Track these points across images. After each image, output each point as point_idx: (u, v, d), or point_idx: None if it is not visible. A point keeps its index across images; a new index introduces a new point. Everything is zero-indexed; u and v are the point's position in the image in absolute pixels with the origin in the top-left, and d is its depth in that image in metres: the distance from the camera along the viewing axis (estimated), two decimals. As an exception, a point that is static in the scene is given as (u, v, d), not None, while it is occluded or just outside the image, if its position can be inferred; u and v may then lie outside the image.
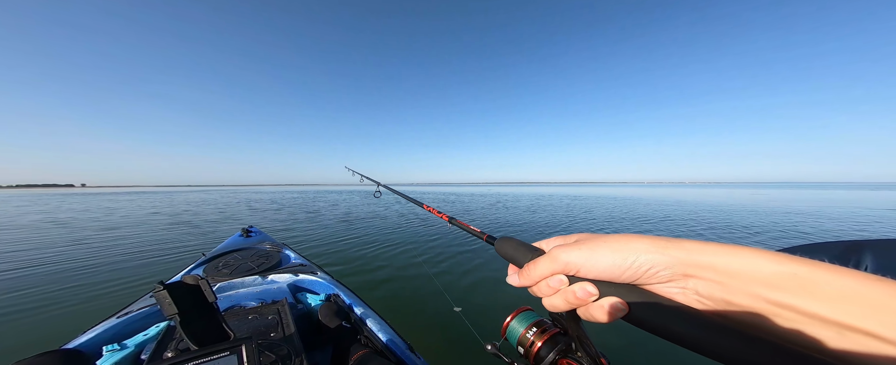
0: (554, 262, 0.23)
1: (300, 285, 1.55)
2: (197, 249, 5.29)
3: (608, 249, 0.20)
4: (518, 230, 7.05)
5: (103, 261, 4.47)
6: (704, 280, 0.16)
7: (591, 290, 0.20)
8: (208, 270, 1.72)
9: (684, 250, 0.17)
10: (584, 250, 0.21)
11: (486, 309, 2.67)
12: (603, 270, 0.20)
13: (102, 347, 0.88)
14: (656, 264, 0.17)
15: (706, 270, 0.16)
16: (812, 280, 0.12)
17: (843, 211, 11.12)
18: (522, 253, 0.28)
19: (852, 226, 7.58)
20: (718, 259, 0.15)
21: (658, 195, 23.98)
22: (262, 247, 2.27)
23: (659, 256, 0.17)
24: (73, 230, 7.54)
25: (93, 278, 3.66)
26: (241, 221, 8.87)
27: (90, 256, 4.74)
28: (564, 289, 0.22)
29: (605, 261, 0.20)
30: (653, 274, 0.18)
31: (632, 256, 0.18)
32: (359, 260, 4.36)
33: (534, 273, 0.24)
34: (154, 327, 1.01)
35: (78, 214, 12.02)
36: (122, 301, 2.81)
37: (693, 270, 0.16)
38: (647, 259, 0.18)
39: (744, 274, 0.14)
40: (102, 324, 1.03)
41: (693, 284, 0.17)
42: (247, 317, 1.04)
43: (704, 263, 0.16)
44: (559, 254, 0.22)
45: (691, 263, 0.16)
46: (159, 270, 4.07)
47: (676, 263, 0.17)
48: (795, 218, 9.01)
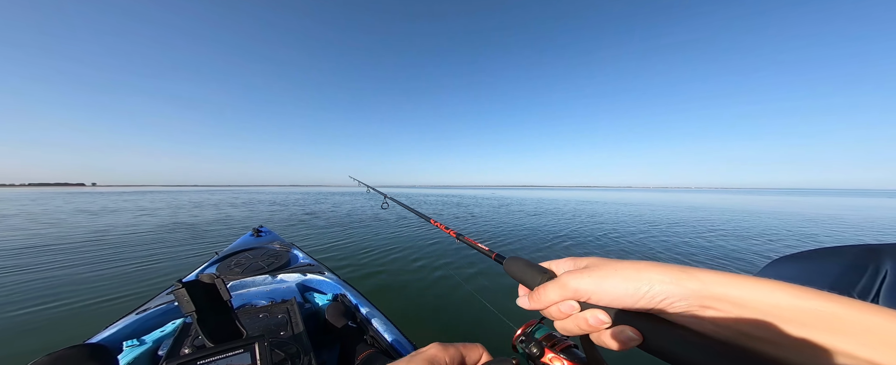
0: (564, 288, 0.22)
1: (308, 285, 1.58)
2: (209, 247, 5.43)
3: (620, 278, 0.19)
4: (523, 236, 7.00)
5: (121, 258, 4.63)
6: (721, 312, 0.16)
7: (603, 318, 0.20)
8: (221, 269, 1.77)
9: (699, 281, 0.16)
10: (595, 277, 0.20)
11: (494, 318, 2.66)
12: (615, 298, 0.19)
13: (123, 343, 0.92)
14: (671, 295, 0.17)
15: (722, 301, 0.15)
16: (836, 317, 0.12)
17: (859, 216, 10.70)
18: (531, 275, 0.27)
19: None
20: (735, 291, 0.15)
21: (664, 200, 23.50)
22: (271, 246, 2.32)
23: (674, 288, 0.17)
24: (92, 229, 7.81)
25: (112, 275, 3.79)
26: (252, 221, 9.07)
27: (108, 254, 4.91)
28: (576, 315, 0.22)
29: (618, 289, 0.19)
30: (669, 304, 0.17)
31: (645, 286, 0.18)
32: (365, 261, 4.41)
33: (544, 298, 0.24)
34: (170, 324, 1.05)
35: (93, 212, 12.44)
36: (141, 297, 2.91)
37: (709, 302, 0.16)
38: (662, 290, 0.17)
39: (762, 308, 0.14)
40: (122, 320, 1.08)
41: (710, 314, 0.16)
42: (258, 315, 1.07)
43: (720, 294, 0.15)
44: (569, 281, 0.22)
45: (708, 295, 0.16)
46: (174, 267, 4.19)
47: (692, 295, 0.16)
48: (807, 223, 8.73)
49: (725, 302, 0.15)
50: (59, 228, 7.74)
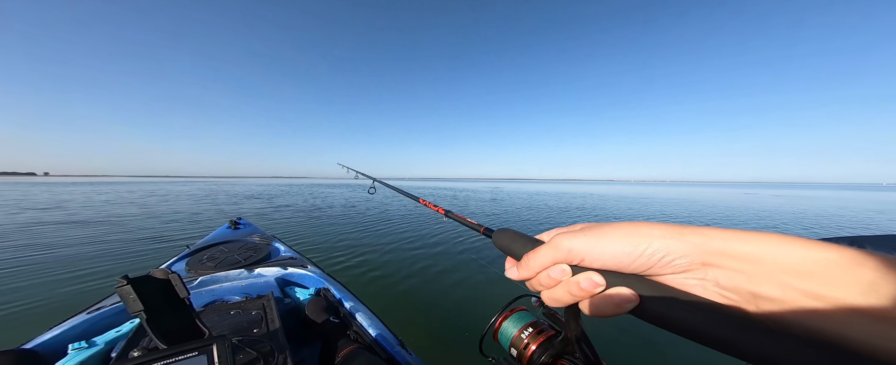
0: (556, 249, 0.20)
1: (289, 279, 1.50)
2: (181, 241, 5.15)
3: (618, 235, 0.18)
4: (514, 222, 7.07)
5: (77, 254, 4.30)
6: (726, 269, 0.14)
7: (598, 280, 0.18)
8: (191, 264, 1.65)
9: (704, 236, 0.15)
10: (590, 237, 0.19)
11: (480, 308, 2.66)
12: (610, 258, 0.18)
13: (68, 345, 0.81)
14: (672, 252, 0.16)
15: (728, 258, 0.14)
16: (851, 267, 0.11)
17: (841, 211, 11.50)
18: (522, 244, 0.26)
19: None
20: (743, 246, 0.14)
21: (647, 193, 24.40)
22: (250, 239, 2.20)
23: (675, 243, 0.16)
24: (43, 223, 7.26)
25: (63, 273, 3.50)
26: (227, 213, 8.68)
27: (62, 249, 4.56)
28: (568, 280, 0.20)
29: (614, 248, 0.18)
30: (667, 263, 0.16)
31: (644, 243, 0.17)
32: (351, 254, 4.31)
33: (534, 263, 0.22)
34: (128, 323, 0.95)
35: (45, 205, 11.59)
36: (98, 297, 2.71)
37: (713, 258, 0.15)
38: (662, 245, 0.16)
39: (772, 262, 0.13)
40: (70, 320, 0.96)
41: (713, 273, 0.15)
42: (228, 312, 0.99)
43: (727, 250, 0.14)
44: (561, 241, 0.20)
45: (711, 251, 0.15)
46: (140, 263, 3.95)
47: (695, 251, 0.15)
48: (788, 217, 9.29)
49: (732, 258, 0.14)
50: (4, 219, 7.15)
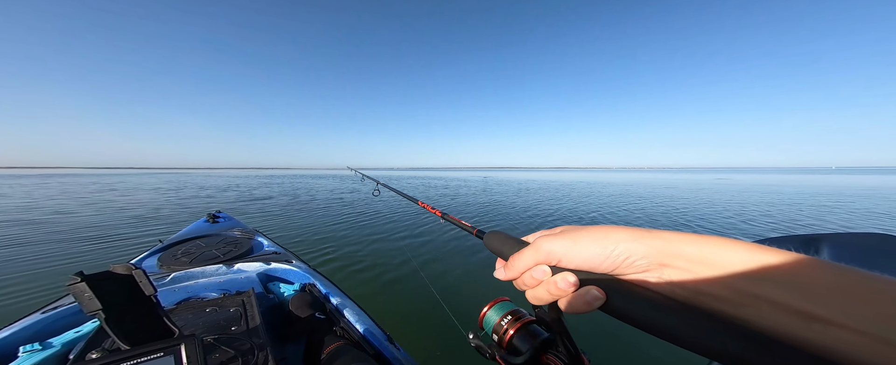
0: (537, 251, 0.23)
1: (272, 275, 1.43)
2: (153, 236, 4.88)
3: (590, 239, 0.20)
4: (504, 214, 7.13)
5: (32, 252, 3.99)
6: (677, 269, 0.17)
7: (571, 279, 0.21)
8: (164, 259, 1.55)
9: (661, 239, 0.18)
10: (567, 240, 0.22)
11: (469, 302, 2.67)
12: (584, 259, 0.20)
13: (19, 347, 0.74)
14: (633, 253, 0.18)
15: (678, 258, 0.16)
16: (779, 269, 0.13)
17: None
18: (509, 246, 0.28)
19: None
20: (690, 248, 0.16)
21: (629, 180, 25.21)
22: (230, 233, 2.10)
23: (636, 245, 0.18)
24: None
25: (19, 272, 3.25)
26: (209, 206, 8.30)
27: (16, 246, 4.23)
28: (547, 280, 0.22)
29: (587, 251, 0.20)
30: (630, 263, 0.18)
31: (611, 246, 0.19)
32: (338, 248, 4.22)
33: (518, 264, 0.24)
34: (89, 323, 0.87)
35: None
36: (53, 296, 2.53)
37: (667, 258, 0.17)
38: (626, 248, 0.18)
39: (714, 263, 0.15)
40: (21, 321, 0.87)
41: (668, 273, 0.17)
42: (204, 310, 0.93)
43: (677, 251, 0.16)
44: (542, 243, 0.23)
45: (665, 252, 0.17)
46: (106, 260, 3.72)
47: (652, 252, 0.17)
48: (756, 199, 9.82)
49: (681, 258, 0.16)
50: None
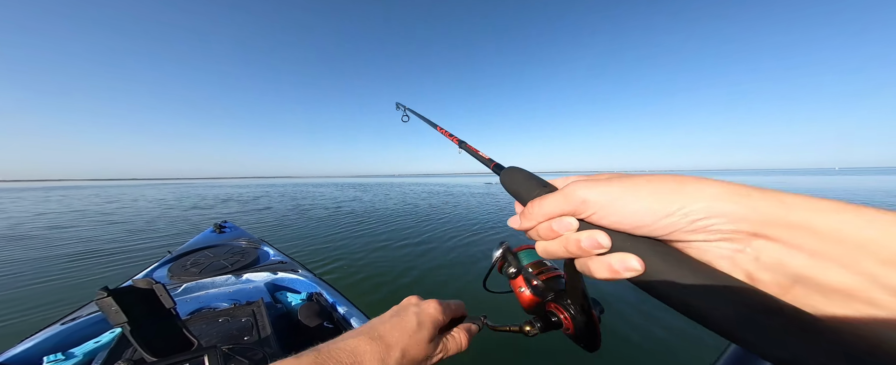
0: (566, 199, 0.17)
1: (279, 284, 1.46)
2: (161, 247, 4.94)
3: (649, 191, 0.15)
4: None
5: (49, 263, 4.07)
6: (785, 245, 0.11)
7: (603, 241, 0.16)
8: (174, 270, 1.58)
9: (772, 201, 0.12)
10: (614, 188, 0.16)
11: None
12: (629, 215, 0.15)
13: (43, 358, 0.77)
14: (717, 214, 0.13)
15: (798, 230, 0.11)
16: None
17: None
18: (530, 187, 0.23)
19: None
20: (826, 218, 0.10)
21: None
22: (237, 244, 2.14)
23: (726, 206, 0.12)
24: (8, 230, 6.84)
25: (36, 283, 3.32)
26: (215, 217, 8.39)
27: (33, 258, 4.31)
28: (568, 236, 0.17)
29: (638, 205, 0.15)
30: (703, 227, 0.13)
31: (681, 202, 0.14)
32: (341, 256, 4.24)
33: (537, 211, 0.19)
34: (108, 333, 0.91)
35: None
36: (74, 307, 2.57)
37: (771, 228, 0.12)
38: (704, 207, 0.13)
39: (857, 241, 0.10)
40: (43, 332, 0.91)
41: (758, 246, 0.12)
42: (217, 320, 0.96)
43: (797, 220, 0.11)
44: (576, 189, 0.17)
45: (773, 219, 0.11)
46: (119, 270, 3.77)
47: (752, 216, 0.12)
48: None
49: (804, 231, 0.11)
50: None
